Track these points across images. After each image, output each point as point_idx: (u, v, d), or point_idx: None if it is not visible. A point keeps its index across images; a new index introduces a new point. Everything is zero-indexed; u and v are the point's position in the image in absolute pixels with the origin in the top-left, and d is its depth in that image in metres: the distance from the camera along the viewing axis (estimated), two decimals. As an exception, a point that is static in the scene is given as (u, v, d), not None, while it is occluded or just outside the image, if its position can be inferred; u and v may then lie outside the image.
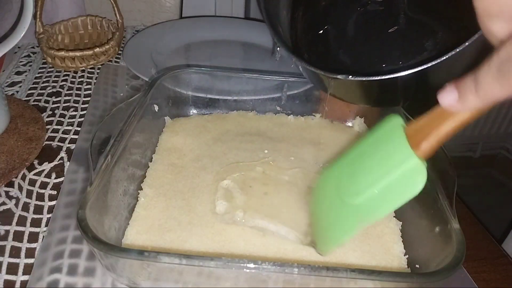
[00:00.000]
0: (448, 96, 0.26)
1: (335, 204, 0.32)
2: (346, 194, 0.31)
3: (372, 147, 0.31)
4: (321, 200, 0.35)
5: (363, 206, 0.30)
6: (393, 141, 0.29)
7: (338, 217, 0.32)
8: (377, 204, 0.29)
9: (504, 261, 0.41)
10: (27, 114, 0.53)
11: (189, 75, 0.50)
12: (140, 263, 0.29)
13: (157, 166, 0.43)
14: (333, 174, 0.34)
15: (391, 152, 0.29)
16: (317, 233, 0.35)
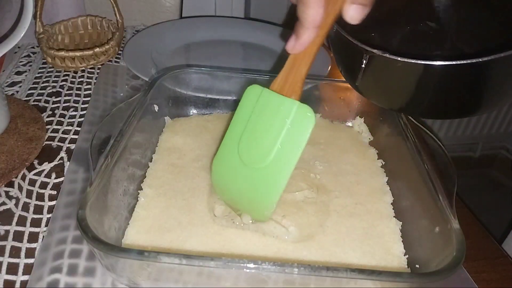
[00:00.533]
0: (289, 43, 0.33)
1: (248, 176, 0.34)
2: (254, 161, 0.34)
3: (254, 115, 0.35)
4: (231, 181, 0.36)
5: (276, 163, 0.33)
6: (268, 101, 0.34)
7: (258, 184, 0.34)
8: (286, 155, 0.33)
9: (504, 261, 0.41)
10: (27, 114, 0.53)
11: (189, 75, 0.50)
12: (140, 263, 0.29)
13: (157, 166, 0.43)
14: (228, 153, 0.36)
15: (274, 109, 0.33)
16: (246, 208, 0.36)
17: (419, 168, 0.38)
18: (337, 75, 0.71)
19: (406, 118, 0.44)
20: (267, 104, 0.34)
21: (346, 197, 0.41)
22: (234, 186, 0.36)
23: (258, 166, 0.34)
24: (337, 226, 0.38)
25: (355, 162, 0.46)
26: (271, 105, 0.34)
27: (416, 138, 0.41)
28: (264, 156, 0.33)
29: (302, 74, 0.34)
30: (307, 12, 0.32)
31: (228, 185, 0.37)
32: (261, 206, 0.35)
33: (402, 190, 0.41)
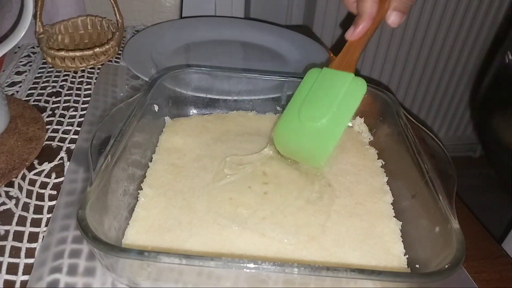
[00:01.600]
0: (349, 31, 0.42)
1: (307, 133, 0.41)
2: (313, 120, 0.40)
3: (314, 86, 0.42)
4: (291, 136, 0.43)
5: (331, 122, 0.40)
6: (329, 75, 0.41)
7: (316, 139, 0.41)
8: (340, 115, 0.40)
9: (504, 261, 0.41)
10: (27, 114, 0.53)
11: (189, 75, 0.50)
12: (140, 263, 0.29)
13: (157, 166, 0.43)
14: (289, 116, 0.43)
15: (333, 80, 0.41)
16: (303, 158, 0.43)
17: (419, 168, 0.38)
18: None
19: (406, 118, 0.44)
20: (327, 77, 0.42)
21: (346, 197, 0.41)
22: (294, 141, 0.42)
23: (316, 125, 0.40)
24: (337, 226, 0.38)
25: (355, 162, 0.46)
26: (331, 77, 0.41)
27: (416, 138, 0.41)
28: (323, 115, 0.40)
29: (356, 56, 0.42)
30: (366, 5, 0.41)
31: (289, 141, 0.43)
32: (317, 156, 0.41)
33: (402, 190, 0.41)
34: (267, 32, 0.78)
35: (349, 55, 0.42)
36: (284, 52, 0.73)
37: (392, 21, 0.42)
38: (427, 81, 1.37)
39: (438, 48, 1.29)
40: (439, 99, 1.42)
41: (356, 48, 0.42)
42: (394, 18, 0.42)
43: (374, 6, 0.41)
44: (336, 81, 0.41)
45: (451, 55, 1.32)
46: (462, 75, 1.37)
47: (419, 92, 1.39)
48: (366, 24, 0.42)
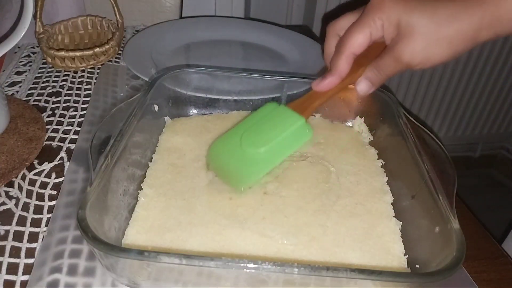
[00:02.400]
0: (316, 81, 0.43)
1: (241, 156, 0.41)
2: (252, 146, 0.40)
3: (265, 118, 0.42)
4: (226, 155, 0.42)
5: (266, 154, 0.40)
6: (282, 112, 0.42)
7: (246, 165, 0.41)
8: (277, 152, 0.40)
9: (504, 261, 0.41)
10: (27, 114, 0.53)
11: (189, 75, 0.50)
12: (140, 263, 0.29)
13: (157, 166, 0.43)
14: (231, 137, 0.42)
15: (284, 118, 0.41)
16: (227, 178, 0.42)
17: (419, 168, 0.38)
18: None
19: (406, 118, 0.44)
20: (280, 114, 0.42)
21: (346, 197, 0.41)
22: (225, 159, 0.42)
23: (253, 151, 0.40)
24: (337, 226, 0.38)
25: (355, 162, 0.46)
26: (283, 115, 0.42)
27: (416, 138, 0.41)
28: (262, 145, 0.40)
29: (315, 105, 0.42)
30: (338, 63, 0.42)
31: (221, 157, 0.43)
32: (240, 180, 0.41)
33: (402, 190, 0.41)
34: (267, 32, 0.78)
35: (309, 101, 0.43)
36: (284, 52, 0.73)
37: (360, 88, 0.43)
38: (427, 81, 1.37)
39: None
40: (439, 99, 1.42)
41: (318, 98, 0.43)
42: (363, 87, 0.43)
43: (346, 67, 0.41)
44: (287, 119, 0.41)
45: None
46: (462, 75, 1.37)
47: (419, 92, 1.39)
48: (333, 80, 0.42)
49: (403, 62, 0.39)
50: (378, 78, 0.42)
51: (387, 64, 0.40)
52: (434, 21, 0.37)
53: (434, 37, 0.37)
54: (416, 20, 0.37)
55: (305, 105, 0.42)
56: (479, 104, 1.46)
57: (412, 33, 0.38)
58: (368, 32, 0.40)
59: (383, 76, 0.42)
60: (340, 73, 0.41)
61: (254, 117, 0.43)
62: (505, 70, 1.39)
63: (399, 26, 0.38)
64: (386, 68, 0.41)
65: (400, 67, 0.40)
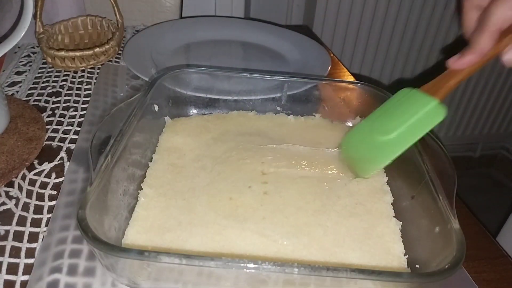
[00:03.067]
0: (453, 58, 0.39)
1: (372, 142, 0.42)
2: (381, 133, 0.41)
3: (397, 104, 0.42)
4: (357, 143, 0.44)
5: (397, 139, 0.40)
6: (414, 96, 0.41)
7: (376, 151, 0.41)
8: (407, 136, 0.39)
9: (504, 261, 0.41)
10: (27, 114, 0.53)
11: (189, 75, 0.50)
12: (140, 263, 0.29)
13: (157, 166, 0.43)
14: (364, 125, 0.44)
15: (415, 101, 0.40)
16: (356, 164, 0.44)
17: (419, 168, 0.38)
18: (337, 75, 0.71)
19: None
20: (412, 98, 0.41)
21: (346, 197, 0.41)
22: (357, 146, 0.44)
23: (382, 138, 0.40)
24: (337, 226, 0.38)
25: (355, 162, 0.46)
26: (415, 98, 0.41)
27: (416, 138, 0.41)
28: (392, 130, 0.40)
29: (451, 84, 0.39)
30: (481, 40, 0.37)
31: (354, 147, 0.44)
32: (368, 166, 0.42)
33: (402, 190, 0.41)
34: (267, 32, 0.78)
35: (444, 81, 0.40)
36: (284, 52, 0.73)
37: (507, 59, 0.38)
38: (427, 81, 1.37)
39: (438, 48, 1.29)
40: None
41: (454, 77, 0.39)
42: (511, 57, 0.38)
43: (489, 43, 0.37)
44: (418, 102, 0.40)
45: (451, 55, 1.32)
46: (462, 75, 1.37)
47: (419, 92, 1.39)
48: (474, 58, 0.38)
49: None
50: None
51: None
52: None
53: None
54: None
55: (440, 85, 0.40)
56: (479, 104, 1.46)
57: None
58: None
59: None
60: (482, 50, 0.37)
61: (387, 104, 0.43)
62: (505, 70, 1.39)
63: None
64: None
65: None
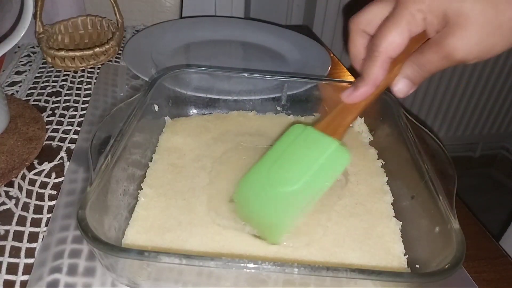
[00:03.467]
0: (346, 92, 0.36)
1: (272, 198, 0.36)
2: (282, 184, 0.35)
3: (291, 146, 0.37)
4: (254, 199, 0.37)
5: (301, 191, 0.34)
6: (311, 136, 0.36)
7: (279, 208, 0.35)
8: (313, 185, 0.35)
9: (504, 261, 0.41)
10: (27, 114, 0.53)
11: (189, 75, 0.50)
12: (140, 263, 0.29)
13: (157, 166, 0.43)
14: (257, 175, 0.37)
15: (313, 144, 0.36)
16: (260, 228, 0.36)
17: (419, 168, 0.38)
18: (337, 75, 0.71)
19: (406, 118, 0.44)
20: (308, 138, 0.36)
21: (346, 197, 0.41)
22: (255, 205, 0.37)
23: (284, 190, 0.35)
24: (337, 226, 0.38)
25: (355, 162, 0.46)
26: (312, 139, 0.36)
27: (416, 138, 0.41)
28: (293, 181, 0.35)
29: (348, 121, 0.36)
30: (373, 70, 0.34)
31: (250, 204, 0.38)
32: (275, 229, 0.36)
33: (402, 190, 0.41)
34: (267, 32, 0.78)
35: (340, 118, 0.37)
36: (284, 52, 0.73)
37: (398, 89, 0.36)
38: (427, 81, 1.37)
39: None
40: (439, 99, 1.42)
41: (350, 113, 0.36)
42: (402, 87, 0.36)
43: (382, 73, 0.34)
44: (318, 144, 0.36)
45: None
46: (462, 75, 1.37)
47: (419, 92, 1.39)
48: (368, 89, 0.35)
49: (455, 58, 0.32)
50: (420, 76, 0.35)
51: (433, 60, 0.34)
52: (491, 6, 0.31)
53: (495, 24, 0.31)
54: (469, 7, 0.31)
55: (336, 123, 0.36)
56: (479, 104, 1.46)
57: (466, 23, 0.31)
58: (406, 30, 0.33)
59: (426, 74, 0.35)
60: (375, 81, 0.35)
61: (280, 146, 0.38)
62: (505, 70, 1.39)
63: (446, 16, 0.32)
64: (431, 65, 0.34)
65: (450, 63, 0.33)
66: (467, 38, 0.31)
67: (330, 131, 0.36)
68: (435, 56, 0.33)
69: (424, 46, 0.34)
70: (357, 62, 0.38)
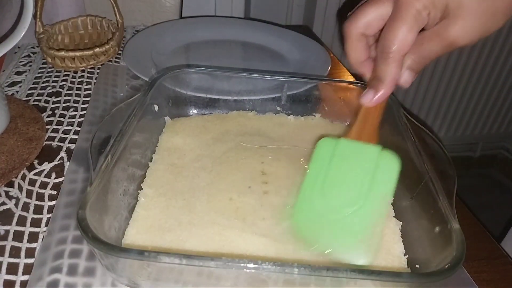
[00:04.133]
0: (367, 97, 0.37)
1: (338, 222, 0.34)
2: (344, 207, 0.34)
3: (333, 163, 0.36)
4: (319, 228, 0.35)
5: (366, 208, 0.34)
6: (349, 149, 0.36)
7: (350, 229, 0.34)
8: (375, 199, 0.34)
9: (504, 261, 0.41)
10: (27, 114, 0.53)
11: (189, 75, 0.50)
12: (140, 263, 0.29)
13: (157, 166, 0.43)
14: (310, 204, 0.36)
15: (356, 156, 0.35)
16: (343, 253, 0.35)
17: (419, 168, 0.38)
18: (337, 75, 0.71)
19: (406, 118, 0.44)
20: (348, 153, 0.36)
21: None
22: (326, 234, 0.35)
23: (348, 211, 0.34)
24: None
25: (355, 162, 0.45)
26: (352, 151, 0.36)
27: (416, 138, 0.41)
28: (353, 200, 0.34)
29: (377, 123, 0.37)
30: (390, 70, 0.35)
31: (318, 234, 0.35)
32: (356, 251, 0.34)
33: (402, 190, 0.41)
34: (267, 32, 0.78)
35: (369, 122, 0.37)
36: (284, 52, 0.73)
37: (404, 80, 0.37)
38: (427, 81, 1.37)
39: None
40: (439, 99, 1.42)
41: (375, 115, 0.37)
42: (406, 77, 0.37)
43: (398, 71, 0.35)
44: (361, 155, 0.35)
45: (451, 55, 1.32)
46: (462, 75, 1.37)
47: (419, 92, 1.39)
48: (388, 90, 0.36)
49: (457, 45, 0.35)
50: (421, 65, 0.37)
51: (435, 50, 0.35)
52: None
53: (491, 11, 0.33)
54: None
55: (367, 128, 0.37)
56: (479, 104, 1.46)
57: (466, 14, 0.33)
58: (415, 26, 0.34)
59: (427, 61, 0.36)
60: (394, 81, 0.36)
61: (319, 166, 0.36)
62: (505, 70, 1.39)
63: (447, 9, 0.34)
64: (431, 54, 0.36)
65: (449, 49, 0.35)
66: (467, 27, 0.34)
67: (365, 138, 0.36)
68: (438, 45, 0.35)
69: (423, 38, 0.35)
70: (358, 65, 0.39)
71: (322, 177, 0.36)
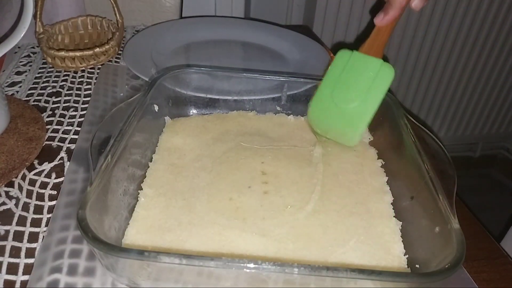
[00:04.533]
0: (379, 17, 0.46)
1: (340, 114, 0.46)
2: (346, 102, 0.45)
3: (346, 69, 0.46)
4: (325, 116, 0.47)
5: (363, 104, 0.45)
6: (359, 60, 0.46)
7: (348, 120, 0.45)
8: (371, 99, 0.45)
9: (504, 261, 0.41)
10: (27, 114, 0.53)
11: (189, 75, 0.50)
12: (140, 263, 0.29)
13: (157, 166, 0.43)
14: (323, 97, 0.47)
15: (363, 66, 0.45)
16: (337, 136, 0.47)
17: (419, 168, 0.38)
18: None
19: (406, 118, 0.44)
20: (358, 62, 0.46)
21: (346, 196, 0.41)
22: (327, 120, 0.47)
23: (349, 106, 0.45)
24: (337, 226, 0.38)
25: (355, 162, 0.46)
26: (361, 62, 0.46)
27: (416, 138, 0.41)
28: (355, 98, 0.45)
29: (384, 41, 0.46)
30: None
31: (323, 120, 0.47)
32: (349, 136, 0.46)
33: (402, 190, 0.41)
34: (267, 32, 0.78)
35: (378, 40, 0.46)
36: (284, 52, 0.73)
37: (415, 4, 0.45)
38: (427, 81, 1.37)
39: (438, 48, 1.29)
40: (439, 99, 1.42)
41: (384, 34, 0.46)
42: (417, 2, 0.45)
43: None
44: (367, 66, 0.45)
45: (451, 55, 1.32)
46: (462, 75, 1.37)
47: (419, 92, 1.39)
48: (396, 12, 0.45)
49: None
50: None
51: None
52: None
53: None
54: None
55: (376, 44, 0.46)
56: (479, 104, 1.46)
57: None
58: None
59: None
60: (401, 4, 0.44)
61: (335, 69, 0.47)
62: (505, 70, 1.39)
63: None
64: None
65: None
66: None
67: (373, 52, 0.45)
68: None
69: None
70: None
71: (336, 79, 0.46)
